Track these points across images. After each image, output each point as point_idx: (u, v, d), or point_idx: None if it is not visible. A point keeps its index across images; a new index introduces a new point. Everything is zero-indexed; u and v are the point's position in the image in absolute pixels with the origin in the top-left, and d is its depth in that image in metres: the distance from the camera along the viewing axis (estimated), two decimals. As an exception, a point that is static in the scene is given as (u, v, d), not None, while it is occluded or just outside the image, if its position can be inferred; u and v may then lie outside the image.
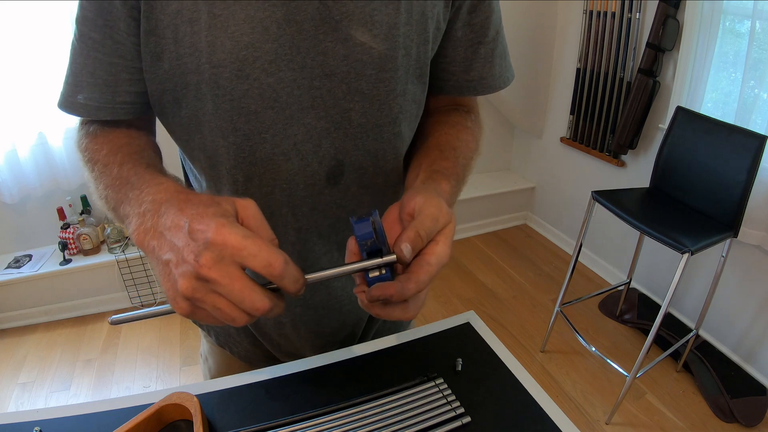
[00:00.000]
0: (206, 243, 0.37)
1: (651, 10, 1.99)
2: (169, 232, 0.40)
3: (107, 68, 0.53)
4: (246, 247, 0.37)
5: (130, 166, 0.52)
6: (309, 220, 0.62)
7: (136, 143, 0.58)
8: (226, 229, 0.37)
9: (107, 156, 0.54)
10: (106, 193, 0.52)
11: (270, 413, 0.58)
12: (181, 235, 0.39)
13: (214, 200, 0.41)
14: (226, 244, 0.37)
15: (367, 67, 0.54)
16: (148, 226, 0.42)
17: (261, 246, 0.38)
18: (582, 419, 1.80)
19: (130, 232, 0.45)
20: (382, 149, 0.61)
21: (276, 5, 0.50)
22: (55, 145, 2.17)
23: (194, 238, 0.38)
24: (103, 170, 0.53)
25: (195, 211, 0.39)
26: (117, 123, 0.60)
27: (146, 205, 0.43)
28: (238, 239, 0.37)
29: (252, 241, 0.37)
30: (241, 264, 0.38)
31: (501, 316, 2.34)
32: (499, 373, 0.64)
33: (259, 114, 0.54)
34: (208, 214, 0.39)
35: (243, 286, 0.38)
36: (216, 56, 0.50)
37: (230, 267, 0.37)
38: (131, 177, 0.49)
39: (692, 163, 1.73)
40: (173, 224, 0.40)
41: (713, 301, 1.81)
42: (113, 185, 0.51)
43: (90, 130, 0.59)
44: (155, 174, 0.49)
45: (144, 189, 0.46)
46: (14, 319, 2.27)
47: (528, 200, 3.08)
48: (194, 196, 0.43)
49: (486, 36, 0.62)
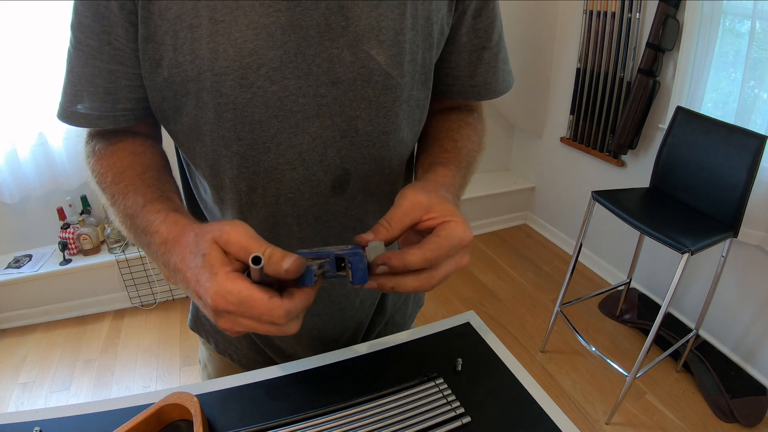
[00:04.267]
0: (214, 311, 0.41)
1: (651, 10, 1.99)
2: (187, 290, 0.45)
3: (106, 76, 0.52)
4: (245, 312, 0.40)
5: (131, 201, 0.53)
6: (314, 230, 0.61)
7: (138, 162, 0.57)
8: (221, 298, 0.40)
9: (112, 185, 0.55)
10: (123, 229, 0.55)
11: (270, 413, 0.58)
12: (195, 297, 0.43)
13: (198, 247, 0.43)
14: (229, 311, 0.40)
15: (374, 74, 0.53)
16: (173, 280, 0.47)
17: (260, 309, 0.40)
18: (582, 419, 1.80)
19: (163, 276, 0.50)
20: (387, 157, 0.59)
21: (280, 10, 0.48)
22: (55, 145, 2.17)
23: (204, 304, 0.42)
24: (112, 201, 0.55)
25: (191, 270, 0.43)
26: (121, 136, 0.59)
27: (161, 259, 0.48)
28: (235, 307, 0.40)
29: (249, 306, 0.40)
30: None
31: (501, 316, 2.34)
32: (499, 373, 0.64)
33: (264, 123, 0.52)
34: (201, 274, 0.41)
35: (266, 329, 0.42)
36: (218, 64, 0.49)
37: (245, 321, 0.41)
38: (135, 218, 0.52)
39: (692, 163, 1.73)
40: (186, 286, 0.44)
41: (713, 301, 1.81)
42: (126, 223, 0.53)
43: (96, 149, 0.58)
44: (151, 214, 0.50)
45: (149, 239, 0.49)
46: (14, 319, 2.27)
47: (528, 200, 3.08)
48: (184, 243, 0.45)
49: (490, 41, 0.61)
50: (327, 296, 0.67)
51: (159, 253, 0.47)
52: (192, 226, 0.46)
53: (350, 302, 0.69)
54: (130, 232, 0.53)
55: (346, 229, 0.63)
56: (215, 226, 0.43)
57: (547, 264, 2.73)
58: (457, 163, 0.59)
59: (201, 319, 0.79)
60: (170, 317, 2.33)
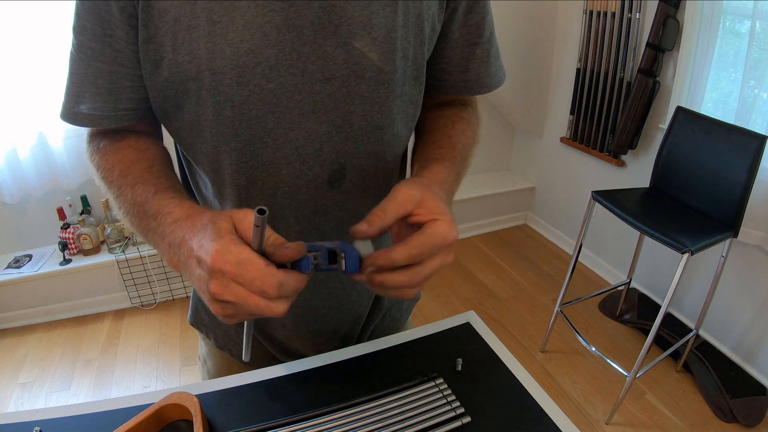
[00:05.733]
0: (210, 271, 0.42)
1: (651, 10, 1.99)
2: (185, 265, 0.46)
3: (108, 77, 0.53)
4: (240, 274, 0.41)
5: (141, 190, 0.54)
6: (311, 223, 0.62)
7: (145, 158, 0.58)
8: (221, 256, 0.41)
9: (119, 178, 0.56)
10: (128, 219, 0.56)
11: (270, 413, 0.58)
12: (193, 264, 0.44)
13: (212, 220, 0.45)
14: (224, 272, 0.41)
15: (367, 71, 0.55)
16: (175, 259, 0.48)
17: (253, 273, 0.41)
18: (582, 419, 1.80)
19: (165, 262, 0.51)
20: (382, 151, 0.61)
21: (275, 10, 0.50)
22: (55, 145, 2.17)
23: (202, 267, 0.43)
24: (118, 193, 0.56)
25: (197, 239, 0.44)
26: (124, 134, 0.60)
27: (167, 239, 0.49)
28: (232, 267, 0.41)
29: (245, 268, 0.41)
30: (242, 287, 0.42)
31: (501, 316, 2.34)
32: (499, 373, 0.64)
33: (261, 119, 0.54)
34: (207, 238, 0.43)
35: (255, 302, 0.42)
36: (216, 63, 0.50)
37: (236, 288, 0.42)
38: (145, 204, 0.53)
39: (692, 163, 1.73)
40: (187, 256, 0.45)
41: (713, 301, 1.81)
42: (132, 212, 0.54)
43: (101, 146, 0.59)
44: (164, 200, 0.52)
45: (160, 220, 0.50)
46: (14, 319, 2.27)
47: (528, 200, 3.08)
48: (198, 220, 0.47)
49: (482, 36, 0.63)
50: (325, 289, 0.68)
51: (167, 233, 0.49)
52: (208, 210, 0.49)
53: (347, 295, 0.70)
54: (136, 219, 0.54)
55: (342, 222, 0.64)
56: (233, 209, 0.46)
57: (547, 264, 2.73)
58: (452, 159, 0.60)
59: (201, 315, 0.80)
60: (170, 317, 2.33)
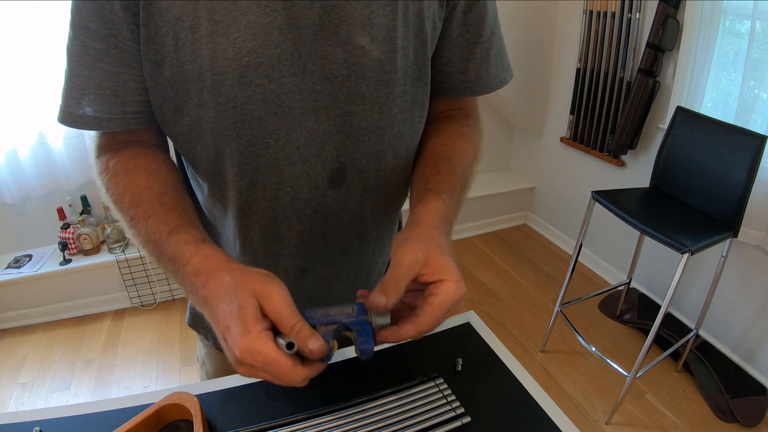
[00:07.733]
0: (237, 361, 0.44)
1: (651, 10, 1.99)
2: (210, 322, 0.48)
3: (114, 78, 0.52)
4: (268, 370, 0.43)
5: (155, 228, 0.52)
6: (312, 223, 0.62)
7: (156, 182, 0.56)
8: (249, 354, 0.43)
9: (131, 207, 0.54)
10: (144, 251, 0.55)
11: (270, 413, 0.58)
12: (220, 335, 0.46)
13: (236, 293, 0.45)
14: (253, 365, 0.44)
15: (367, 70, 0.55)
16: (198, 308, 0.49)
17: (280, 371, 0.43)
18: (582, 419, 1.80)
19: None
20: (383, 151, 0.61)
21: (277, 10, 0.50)
22: (55, 145, 2.17)
23: (229, 350, 0.45)
24: (131, 224, 0.55)
25: (221, 313, 0.45)
26: (133, 150, 0.58)
27: (188, 287, 0.50)
28: (260, 364, 0.43)
29: (272, 367, 0.43)
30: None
31: (501, 316, 2.34)
32: (499, 373, 0.64)
33: (263, 120, 0.54)
34: (233, 323, 0.44)
35: (280, 376, 0.44)
36: (218, 63, 0.50)
37: (264, 374, 0.44)
38: (159, 246, 0.52)
39: (692, 163, 1.73)
40: (211, 320, 0.47)
41: (713, 301, 1.81)
42: (147, 248, 0.54)
43: (110, 166, 0.57)
44: (179, 244, 0.51)
45: (178, 267, 0.50)
46: (14, 319, 2.27)
47: (528, 200, 3.08)
48: (219, 282, 0.47)
49: (481, 36, 0.62)
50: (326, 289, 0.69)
51: (189, 282, 0.49)
52: (228, 264, 0.48)
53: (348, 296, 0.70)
54: (153, 255, 0.54)
55: (343, 223, 0.64)
56: (256, 277, 0.46)
57: (547, 264, 2.73)
58: (452, 189, 0.59)
59: (199, 316, 0.79)
60: (170, 317, 2.33)
